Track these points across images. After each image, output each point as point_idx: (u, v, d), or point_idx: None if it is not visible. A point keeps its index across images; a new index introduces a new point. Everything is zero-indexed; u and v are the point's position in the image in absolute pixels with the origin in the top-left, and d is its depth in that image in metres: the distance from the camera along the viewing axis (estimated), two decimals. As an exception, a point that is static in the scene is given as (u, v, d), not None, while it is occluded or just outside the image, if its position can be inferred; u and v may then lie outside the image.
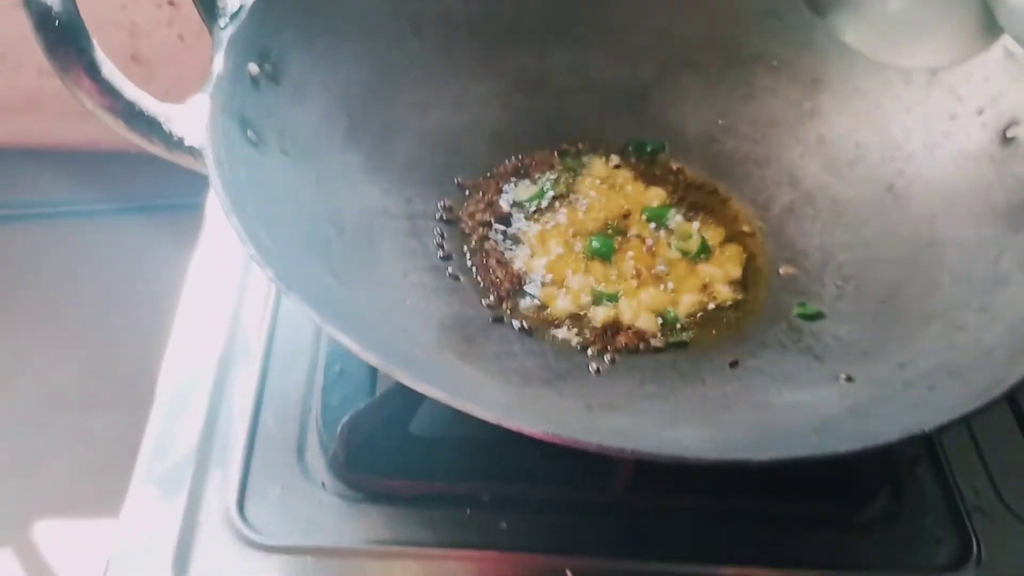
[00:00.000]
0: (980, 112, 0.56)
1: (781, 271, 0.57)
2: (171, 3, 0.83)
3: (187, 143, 0.46)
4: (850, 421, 0.44)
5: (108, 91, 0.44)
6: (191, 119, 0.47)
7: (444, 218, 0.58)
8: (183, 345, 0.56)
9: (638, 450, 0.38)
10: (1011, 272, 0.49)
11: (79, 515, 0.78)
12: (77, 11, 0.43)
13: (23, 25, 0.86)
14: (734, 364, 0.51)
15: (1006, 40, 0.55)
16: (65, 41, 0.43)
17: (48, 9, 0.42)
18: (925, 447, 0.55)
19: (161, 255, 0.87)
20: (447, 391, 0.39)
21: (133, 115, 0.45)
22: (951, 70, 0.57)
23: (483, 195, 0.59)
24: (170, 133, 0.46)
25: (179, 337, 0.57)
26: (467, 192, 0.59)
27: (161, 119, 0.46)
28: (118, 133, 0.45)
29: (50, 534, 0.77)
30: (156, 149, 0.46)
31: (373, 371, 0.54)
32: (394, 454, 0.50)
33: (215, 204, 0.63)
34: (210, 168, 0.45)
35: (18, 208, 0.94)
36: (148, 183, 0.89)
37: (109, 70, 0.44)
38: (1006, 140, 0.54)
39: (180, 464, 0.50)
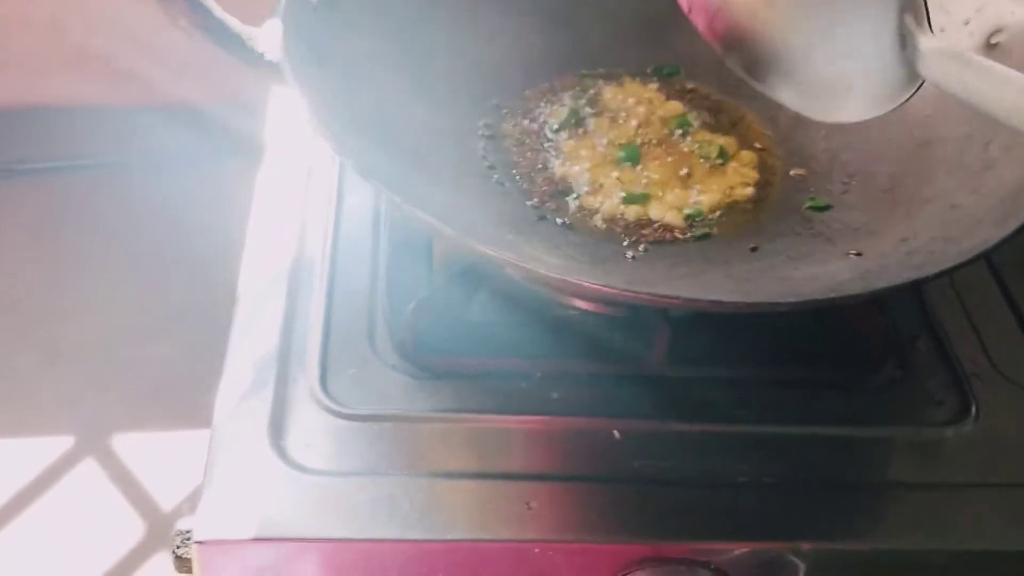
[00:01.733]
0: (967, 23, 0.61)
1: (792, 173, 0.63)
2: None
3: (267, 58, 0.52)
4: (859, 283, 0.50)
5: (200, 11, 0.50)
6: (268, 38, 0.53)
7: (486, 134, 0.64)
8: (256, 257, 0.62)
9: (682, 296, 0.44)
10: (998, 157, 0.55)
11: (149, 429, 0.84)
12: (172, -63, 0.49)
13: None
14: (755, 249, 0.57)
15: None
16: (164, -35, 0.48)
17: (148, -63, 0.48)
18: (925, 325, 0.61)
19: (204, 201, 0.93)
20: (515, 254, 0.45)
21: (222, 32, 0.51)
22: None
23: (518, 114, 0.65)
24: (252, 49, 0.52)
25: (252, 250, 0.62)
26: (504, 112, 0.65)
27: (244, 36, 0.51)
28: (210, 46, 0.51)
29: (128, 445, 0.83)
30: (242, 62, 0.52)
31: (429, 267, 0.60)
32: (456, 337, 0.56)
33: (274, 129, 0.70)
34: (288, 77, 0.51)
35: (75, 159, 0.99)
36: (187, 137, 0.94)
37: (201, -9, 0.50)
38: (991, 46, 0.60)
39: (265, 357, 0.56)
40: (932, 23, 0.62)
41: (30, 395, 0.86)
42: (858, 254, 0.54)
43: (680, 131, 0.64)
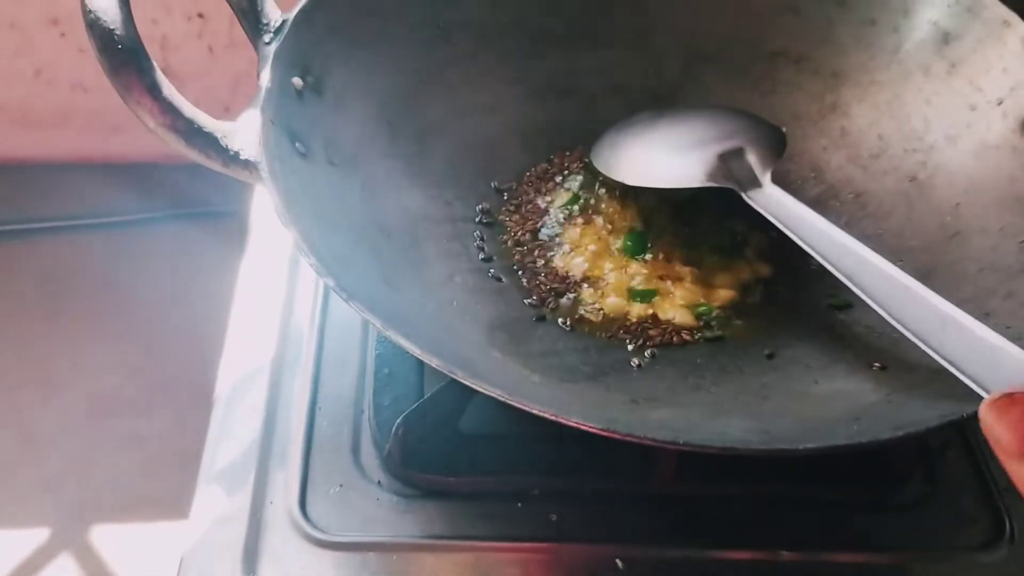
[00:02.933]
0: (1000, 102, 0.57)
1: (812, 264, 0.58)
2: (200, 16, 0.85)
3: (242, 157, 0.48)
4: (887, 409, 0.46)
5: (169, 110, 0.46)
6: (245, 134, 0.49)
7: (483, 221, 0.59)
8: (237, 351, 0.58)
9: (690, 442, 0.40)
10: (1036, 259, 0.51)
11: (134, 517, 0.80)
12: (138, 35, 0.45)
13: (56, 42, 0.89)
14: (771, 356, 0.53)
15: (1022, 30, 0.57)
16: (128, 63, 0.44)
17: (111, 33, 0.44)
18: (956, 432, 0.57)
19: (200, 259, 0.89)
20: (503, 389, 0.41)
21: (192, 132, 0.46)
22: (970, 61, 0.59)
23: (519, 198, 0.61)
24: (226, 148, 0.48)
25: (233, 343, 0.59)
26: (504, 195, 0.61)
27: (218, 135, 0.47)
28: (178, 150, 0.47)
29: (107, 535, 0.79)
30: (214, 164, 0.48)
31: (421, 373, 0.56)
32: (446, 452, 0.52)
33: (259, 211, 0.66)
34: (266, 180, 0.47)
35: (59, 220, 0.96)
36: (181, 191, 0.91)
37: (169, 90, 0.46)
38: (1026, 129, 0.56)
39: (242, 466, 0.53)
40: (964, 100, 0.59)
41: (5, 480, 0.82)
42: (882, 367, 0.50)
43: (689, 219, 0.60)
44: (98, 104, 0.90)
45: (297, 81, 0.53)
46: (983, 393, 0.41)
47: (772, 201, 0.54)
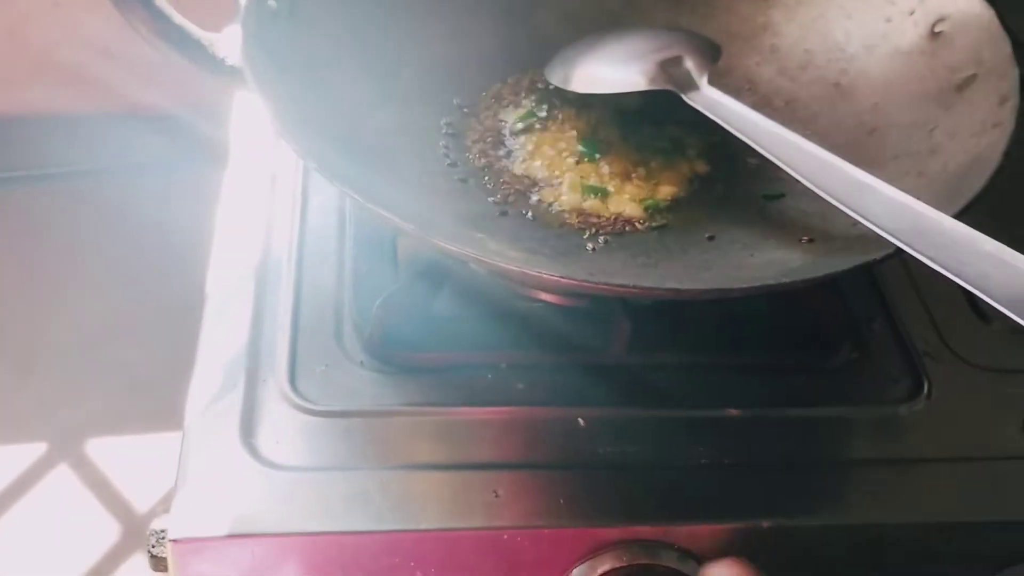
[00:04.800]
0: (911, 12, 0.63)
1: (749, 161, 0.64)
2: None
3: (228, 63, 0.53)
4: (812, 266, 0.52)
5: (160, 19, 0.51)
6: (229, 44, 0.53)
7: (448, 132, 0.65)
8: (224, 258, 0.62)
9: (638, 284, 0.46)
10: (942, 142, 0.57)
11: (126, 431, 0.84)
12: (131, -52, 0.49)
13: (31, 4, 0.92)
14: (711, 238, 0.59)
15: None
16: (122, -25, 0.49)
17: (106, -53, 0.49)
18: (880, 306, 0.63)
19: (176, 205, 0.94)
20: (476, 249, 0.46)
21: (182, 39, 0.52)
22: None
23: (479, 113, 0.66)
24: (213, 55, 0.53)
25: (219, 251, 0.63)
26: (465, 110, 0.66)
27: (205, 43, 0.52)
28: (170, 56, 0.52)
29: (101, 448, 0.83)
30: (203, 68, 0.53)
31: (395, 265, 0.61)
32: (421, 332, 0.57)
33: (238, 132, 0.71)
34: (250, 82, 0.52)
35: (49, 167, 0.99)
36: (153, 144, 0.95)
37: (161, 2, 0.51)
38: (934, 35, 0.62)
39: (235, 356, 0.57)
40: (880, 13, 0.65)
41: (4, 403, 0.86)
42: (811, 240, 0.56)
43: (634, 122, 0.65)
44: (71, 62, 0.93)
45: (271, 2, 0.58)
46: (894, 241, 0.47)
47: (709, 100, 0.59)
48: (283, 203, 0.66)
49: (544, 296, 0.57)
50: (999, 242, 0.45)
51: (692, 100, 0.60)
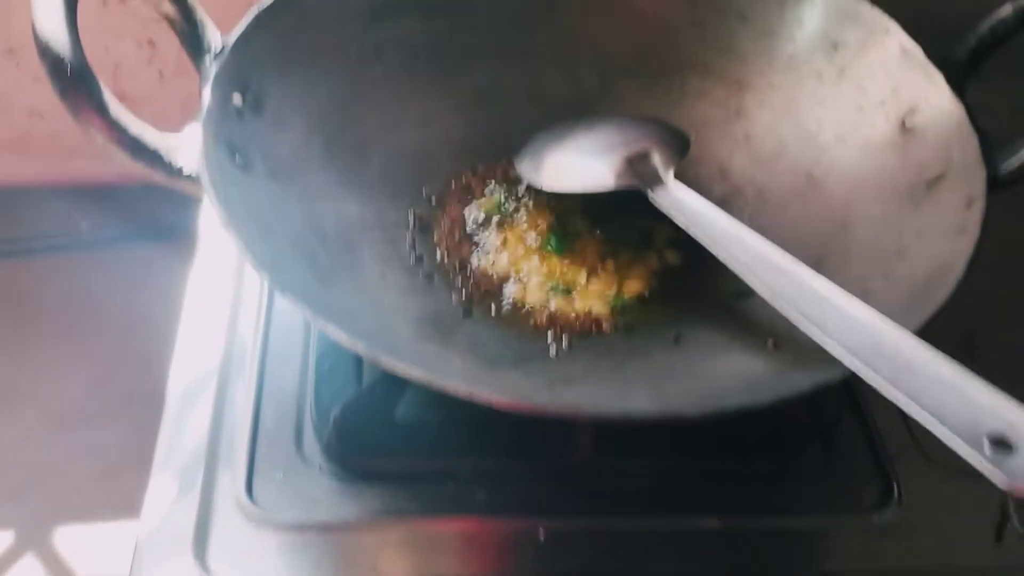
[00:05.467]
0: (882, 103, 0.63)
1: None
2: (151, 43, 0.89)
3: (186, 171, 0.52)
4: (776, 380, 0.51)
5: (116, 128, 0.50)
6: (188, 148, 0.53)
7: (415, 225, 0.64)
8: (187, 354, 0.62)
9: (591, 412, 0.45)
10: (909, 243, 0.56)
11: (94, 519, 0.83)
12: (85, 59, 0.49)
13: (11, 72, 0.92)
14: (677, 339, 0.58)
15: (901, 37, 0.62)
16: (77, 86, 0.49)
17: (60, 59, 0.48)
18: (849, 404, 0.62)
19: (157, 278, 0.93)
20: (425, 370, 0.45)
21: (138, 148, 0.51)
22: (856, 66, 0.64)
23: (448, 204, 0.66)
24: (170, 163, 0.52)
25: (183, 346, 0.62)
26: (433, 201, 0.66)
27: (162, 150, 0.52)
28: (126, 164, 0.51)
29: (69, 537, 0.83)
30: (159, 177, 0.52)
31: (359, 367, 0.60)
32: (382, 438, 0.57)
33: (207, 225, 0.70)
34: (207, 189, 0.52)
35: (21, 242, 0.99)
36: (137, 211, 0.95)
37: (116, 109, 0.50)
38: (905, 128, 0.61)
39: (192, 459, 0.56)
40: (852, 102, 0.64)
41: (-27, 488, 0.86)
42: (776, 345, 0.55)
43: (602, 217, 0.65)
44: (54, 129, 0.93)
45: (237, 98, 0.58)
46: (854, 363, 0.46)
47: (674, 199, 0.59)
48: (250, 297, 0.65)
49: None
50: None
51: (657, 199, 0.59)
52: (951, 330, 0.50)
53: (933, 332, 0.48)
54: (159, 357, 0.66)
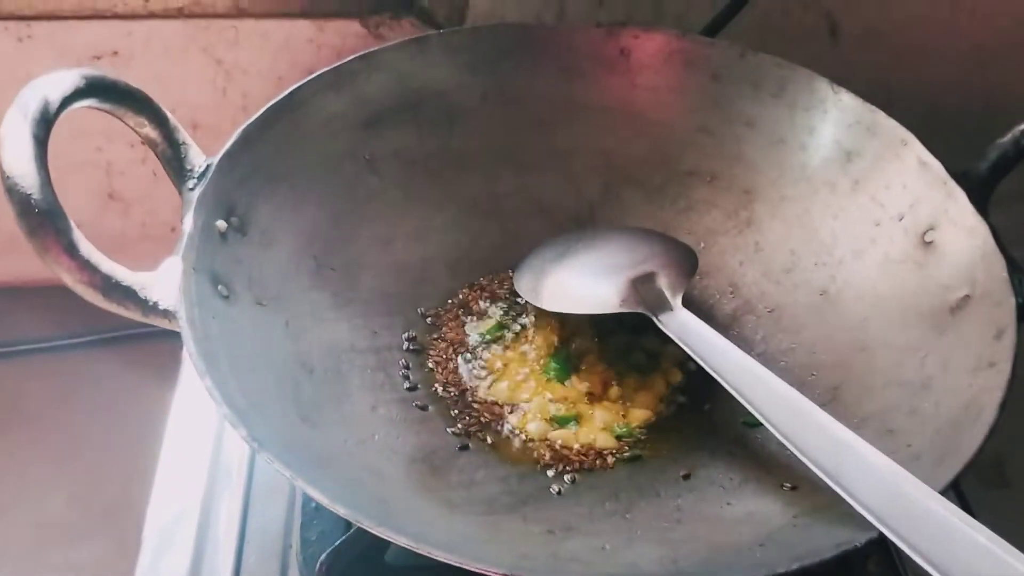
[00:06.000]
0: (901, 218, 0.60)
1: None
2: (144, 143, 0.87)
3: (161, 307, 0.50)
4: (792, 533, 0.47)
5: (86, 267, 0.47)
6: (164, 283, 0.50)
7: (409, 348, 0.61)
8: (166, 489, 0.59)
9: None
10: (934, 375, 0.53)
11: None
12: (55, 197, 0.46)
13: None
14: (687, 476, 0.54)
15: (918, 149, 0.59)
16: (45, 226, 0.46)
17: (28, 197, 0.46)
18: (879, 544, 0.58)
19: (140, 382, 0.90)
20: (410, 536, 0.42)
21: (110, 287, 0.48)
22: (872, 178, 0.61)
23: (445, 325, 0.63)
24: (145, 299, 0.49)
25: (163, 477, 0.59)
26: (429, 321, 0.63)
27: (136, 287, 0.49)
28: (97, 304, 0.49)
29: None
30: (132, 315, 0.49)
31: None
32: (371, 586, 0.53)
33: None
34: (183, 330, 0.49)
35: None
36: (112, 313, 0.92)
37: (86, 248, 0.47)
38: (925, 244, 0.58)
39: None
40: (868, 216, 0.61)
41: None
42: (792, 488, 0.51)
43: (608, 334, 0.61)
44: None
45: (221, 224, 0.55)
46: (876, 523, 0.43)
47: (681, 326, 0.56)
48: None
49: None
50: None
51: (664, 325, 0.56)
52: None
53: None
54: (141, 466, 0.63)
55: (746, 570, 0.43)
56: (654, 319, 0.56)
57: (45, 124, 0.48)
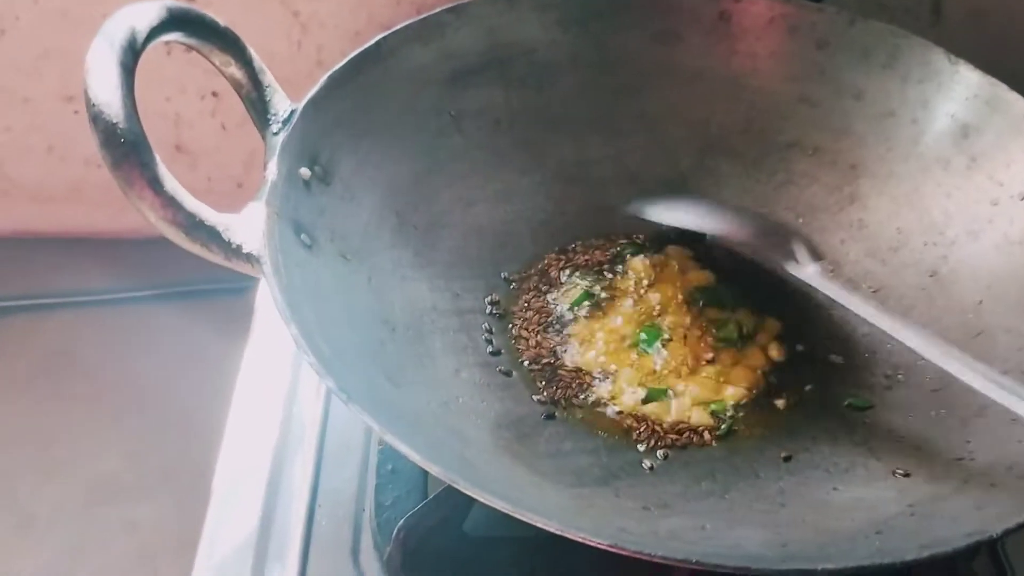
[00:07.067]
0: (1022, 197, 0.56)
1: (830, 358, 0.57)
2: (214, 95, 0.85)
3: (245, 250, 0.47)
4: (910, 521, 0.44)
5: (171, 204, 0.45)
6: (248, 227, 0.48)
7: (492, 312, 0.58)
8: (237, 441, 0.56)
9: (703, 561, 0.38)
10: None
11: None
12: (141, 128, 0.44)
13: (70, 119, 0.89)
14: (788, 458, 0.51)
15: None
16: (129, 157, 0.44)
17: (114, 127, 0.43)
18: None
19: (203, 339, 0.89)
20: (508, 500, 0.39)
21: (194, 226, 0.45)
22: (992, 156, 0.58)
23: (529, 290, 0.60)
24: (229, 242, 0.47)
25: (233, 433, 0.57)
26: (512, 286, 0.60)
27: (220, 228, 0.46)
28: (179, 244, 0.46)
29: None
30: (215, 257, 0.47)
31: (425, 471, 0.54)
32: (449, 555, 0.50)
33: (264, 296, 0.65)
34: (268, 276, 0.46)
35: (63, 296, 0.95)
36: (188, 269, 0.90)
37: (172, 184, 0.45)
38: (1049, 224, 0.54)
39: (237, 561, 0.51)
40: (985, 195, 0.57)
41: (1, 563, 0.81)
42: (905, 474, 0.48)
43: (704, 305, 0.58)
44: (110, 179, 0.89)
45: (304, 171, 0.53)
46: None
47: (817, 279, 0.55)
48: (309, 379, 0.60)
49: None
50: None
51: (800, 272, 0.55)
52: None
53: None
54: (202, 427, 0.61)
55: (866, 557, 0.39)
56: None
57: (132, 53, 0.46)
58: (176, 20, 0.49)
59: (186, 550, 0.53)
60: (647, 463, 0.51)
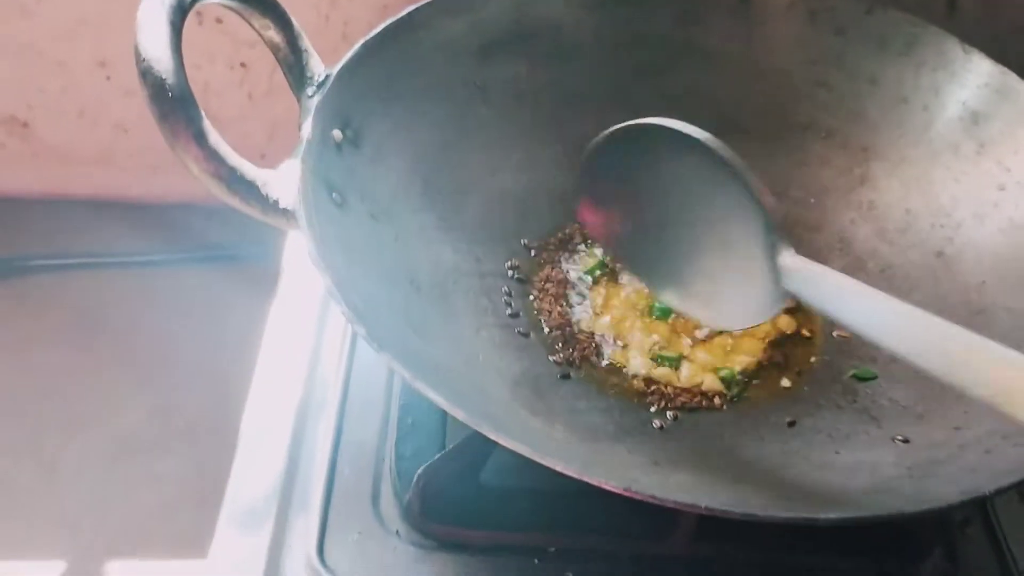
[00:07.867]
0: (1029, 186, 0.58)
1: (835, 334, 0.59)
2: (243, 65, 0.87)
3: (281, 205, 0.49)
4: (909, 483, 0.46)
5: (214, 158, 0.47)
6: (284, 183, 0.50)
7: (512, 277, 0.60)
8: (263, 394, 0.59)
9: (712, 507, 0.40)
10: (1060, 340, 0.51)
11: (150, 554, 0.80)
12: (188, 84, 0.46)
13: (102, 84, 0.91)
14: (792, 423, 0.53)
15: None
16: (176, 111, 0.46)
17: (162, 82, 0.45)
18: (977, 509, 0.56)
19: (227, 302, 0.91)
20: (529, 446, 0.41)
21: (235, 180, 0.48)
22: (1001, 143, 0.60)
23: (547, 258, 0.62)
24: (266, 196, 0.49)
25: (260, 386, 0.59)
26: (532, 253, 0.62)
27: (259, 183, 0.49)
28: (219, 197, 0.48)
29: (122, 572, 0.80)
30: (252, 211, 0.49)
31: (443, 423, 0.56)
32: (466, 504, 0.52)
33: (291, 258, 0.67)
34: (303, 228, 0.48)
35: (90, 256, 0.98)
36: (214, 234, 0.93)
37: (215, 139, 0.47)
38: (1055, 215, 0.56)
39: (262, 509, 0.53)
40: (992, 180, 0.59)
41: (25, 514, 0.83)
42: (905, 440, 0.50)
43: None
44: (139, 144, 0.92)
45: (337, 134, 0.55)
46: None
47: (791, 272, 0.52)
48: (332, 337, 0.62)
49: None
50: None
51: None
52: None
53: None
54: (226, 387, 0.64)
55: (866, 509, 0.42)
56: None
57: (181, 12, 0.48)
58: (220, -18, 0.51)
59: (208, 503, 0.55)
60: (657, 423, 0.53)
